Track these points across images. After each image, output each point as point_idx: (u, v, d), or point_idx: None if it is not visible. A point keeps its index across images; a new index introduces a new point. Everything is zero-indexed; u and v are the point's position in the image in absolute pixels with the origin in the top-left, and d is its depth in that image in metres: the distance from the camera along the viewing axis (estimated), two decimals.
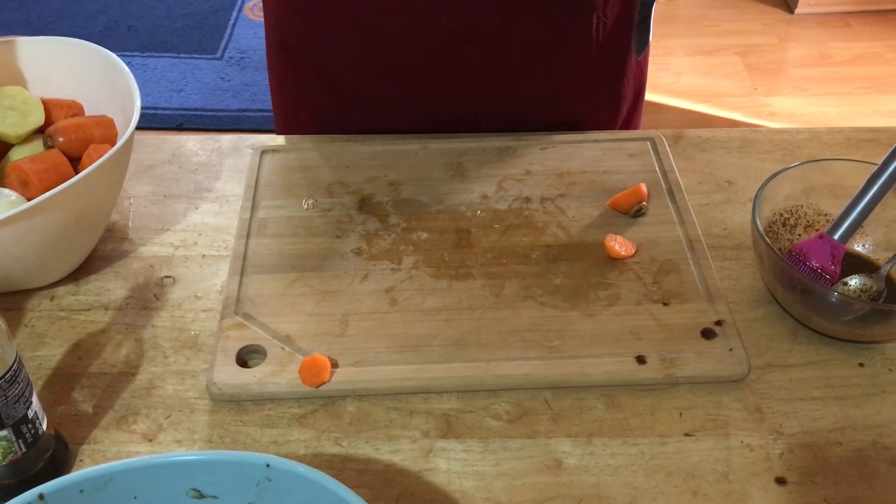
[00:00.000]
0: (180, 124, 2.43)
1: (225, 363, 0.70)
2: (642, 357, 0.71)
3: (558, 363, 0.71)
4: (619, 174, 0.89)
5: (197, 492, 0.54)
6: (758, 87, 2.56)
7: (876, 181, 0.73)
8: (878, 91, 2.54)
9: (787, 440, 0.67)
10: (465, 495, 0.64)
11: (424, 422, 0.68)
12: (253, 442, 0.67)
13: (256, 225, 0.84)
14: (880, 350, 0.74)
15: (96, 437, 0.68)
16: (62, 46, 0.86)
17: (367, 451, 0.66)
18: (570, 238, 0.82)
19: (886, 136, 0.96)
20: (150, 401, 0.70)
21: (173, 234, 0.85)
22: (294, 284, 0.78)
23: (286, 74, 1.00)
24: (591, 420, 0.68)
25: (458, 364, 0.71)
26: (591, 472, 0.65)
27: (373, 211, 0.85)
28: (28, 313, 0.77)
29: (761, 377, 0.71)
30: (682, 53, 2.70)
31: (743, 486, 0.64)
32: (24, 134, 0.80)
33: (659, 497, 0.63)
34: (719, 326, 0.73)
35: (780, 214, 0.80)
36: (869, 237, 0.80)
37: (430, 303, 0.76)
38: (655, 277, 0.78)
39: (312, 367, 0.69)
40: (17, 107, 0.79)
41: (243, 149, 0.95)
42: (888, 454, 0.66)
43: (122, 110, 0.82)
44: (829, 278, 0.74)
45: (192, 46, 2.72)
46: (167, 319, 0.77)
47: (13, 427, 0.59)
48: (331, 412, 0.69)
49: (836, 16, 2.85)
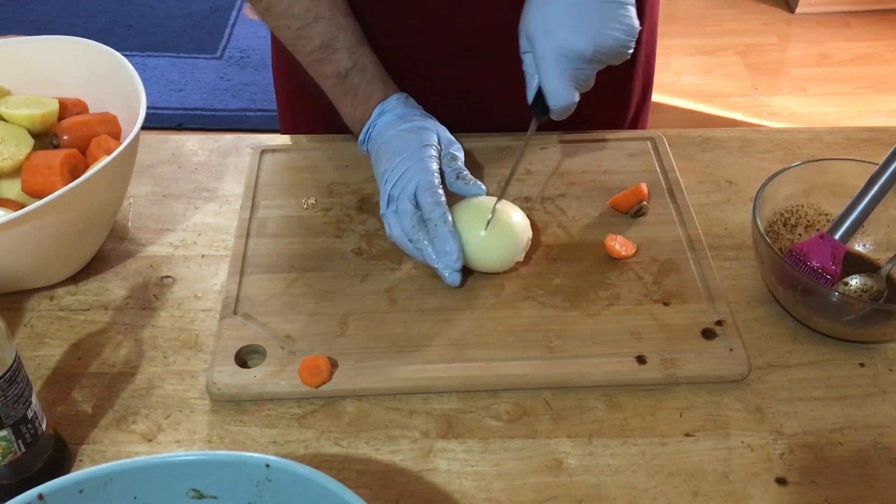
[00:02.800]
0: (180, 124, 2.43)
1: (224, 363, 0.70)
2: (642, 357, 0.71)
3: (558, 363, 0.71)
4: (619, 174, 0.89)
5: (197, 492, 0.54)
6: (758, 86, 2.56)
7: (876, 181, 0.73)
8: (878, 91, 2.54)
9: (788, 440, 0.67)
10: (465, 495, 0.63)
11: (424, 422, 0.68)
12: (253, 442, 0.67)
13: (256, 225, 0.83)
14: (881, 350, 0.74)
15: (96, 438, 0.68)
16: (67, 45, 0.86)
17: (367, 452, 0.66)
18: (571, 238, 0.82)
19: (887, 135, 0.96)
20: (150, 401, 0.70)
21: (173, 233, 0.85)
22: (294, 284, 0.78)
23: (291, 77, 1.00)
24: (592, 420, 0.68)
25: (458, 364, 0.70)
26: (591, 472, 0.65)
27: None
28: (27, 313, 0.77)
29: (762, 377, 0.71)
30: (682, 53, 2.70)
31: (743, 487, 0.64)
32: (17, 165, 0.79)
33: (659, 497, 0.63)
34: (720, 326, 0.73)
35: (781, 214, 0.80)
36: (869, 237, 0.80)
37: (430, 303, 0.76)
38: (656, 277, 0.78)
39: (312, 367, 0.69)
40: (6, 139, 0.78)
41: (243, 148, 0.95)
42: (889, 454, 0.66)
43: (126, 109, 0.82)
44: (829, 278, 0.74)
45: (192, 46, 2.72)
46: (167, 319, 0.77)
47: (12, 427, 0.59)
48: (331, 412, 0.69)
49: (837, 15, 2.85)
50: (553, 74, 0.72)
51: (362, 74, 0.82)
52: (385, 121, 0.81)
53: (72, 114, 0.84)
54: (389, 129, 0.80)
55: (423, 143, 0.78)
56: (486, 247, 0.76)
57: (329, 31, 0.81)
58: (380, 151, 0.80)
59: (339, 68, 0.82)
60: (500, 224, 0.76)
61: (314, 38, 0.81)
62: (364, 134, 0.83)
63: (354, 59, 0.82)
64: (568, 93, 0.73)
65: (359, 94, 0.82)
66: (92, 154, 0.80)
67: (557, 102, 0.73)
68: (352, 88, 0.82)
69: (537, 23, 0.72)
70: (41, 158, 0.77)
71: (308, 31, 0.81)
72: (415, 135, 0.79)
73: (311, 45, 0.81)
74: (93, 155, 0.80)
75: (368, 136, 0.82)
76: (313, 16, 0.80)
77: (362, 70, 0.82)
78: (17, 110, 0.79)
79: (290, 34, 0.82)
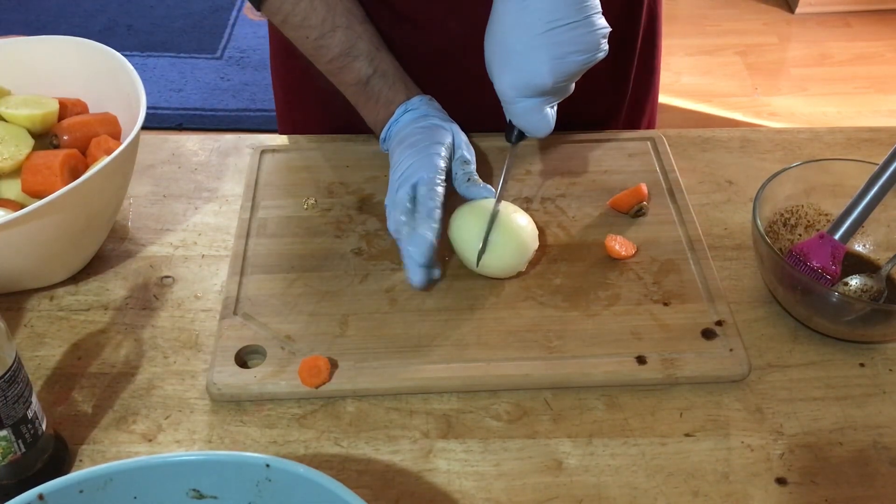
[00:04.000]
0: (180, 124, 2.43)
1: (224, 363, 0.70)
2: (642, 357, 0.71)
3: (558, 363, 0.71)
4: (619, 174, 0.89)
5: (197, 492, 0.54)
6: (758, 86, 2.56)
7: (877, 181, 0.73)
8: (878, 91, 2.54)
9: (788, 440, 0.67)
10: (465, 496, 0.63)
11: (424, 422, 0.68)
12: (253, 442, 0.67)
13: (256, 225, 0.83)
14: (881, 350, 0.74)
15: (96, 438, 0.68)
16: (67, 45, 0.86)
17: (367, 452, 0.66)
18: (571, 238, 0.82)
19: (887, 135, 0.96)
20: (150, 401, 0.70)
21: (173, 233, 0.85)
22: (294, 284, 0.78)
23: (290, 77, 1.00)
24: (592, 420, 0.68)
25: (458, 364, 0.70)
26: (591, 472, 0.65)
27: (373, 211, 0.85)
28: (27, 313, 0.77)
29: (762, 377, 0.71)
30: (682, 53, 2.70)
31: (743, 487, 0.64)
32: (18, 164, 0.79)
33: (659, 497, 0.63)
34: (720, 326, 0.73)
35: (781, 214, 0.80)
36: (869, 237, 0.80)
37: (430, 303, 0.76)
38: (656, 277, 0.78)
39: (312, 367, 0.69)
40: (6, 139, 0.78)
41: (243, 148, 0.95)
42: (889, 454, 0.66)
43: (126, 109, 0.82)
44: (829, 278, 0.74)
45: (192, 46, 2.72)
46: (167, 319, 0.77)
47: (13, 427, 0.59)
48: (331, 412, 0.69)
49: (837, 15, 2.85)
50: (519, 112, 0.70)
51: (384, 79, 0.83)
52: (406, 119, 0.82)
53: (72, 114, 0.84)
54: (408, 125, 0.81)
55: (434, 140, 0.78)
56: (490, 252, 0.75)
57: (347, 39, 0.81)
58: (395, 145, 0.80)
59: (360, 75, 0.82)
60: (508, 231, 0.75)
61: (333, 48, 0.81)
62: (385, 132, 0.83)
63: (374, 66, 0.82)
64: (541, 124, 0.70)
65: (381, 98, 0.83)
66: (92, 154, 0.80)
67: (534, 134, 0.72)
68: (374, 94, 0.83)
69: (491, 59, 0.69)
70: (41, 158, 0.77)
71: (326, 40, 0.81)
72: (429, 132, 0.79)
73: (331, 53, 0.82)
74: (93, 155, 0.80)
75: (389, 134, 0.83)
76: (330, 25, 0.80)
77: (383, 75, 0.83)
78: (17, 110, 0.79)
79: (309, 44, 0.82)
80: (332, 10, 0.81)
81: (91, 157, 0.80)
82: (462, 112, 0.85)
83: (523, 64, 0.66)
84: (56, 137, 0.81)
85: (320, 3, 0.80)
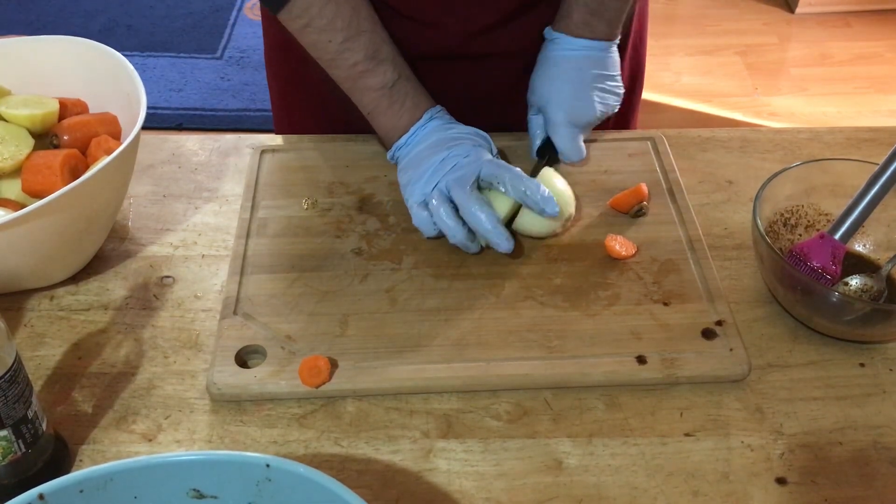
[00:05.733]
0: (180, 124, 2.43)
1: (225, 363, 0.70)
2: (643, 357, 0.71)
3: (558, 363, 0.71)
4: (619, 174, 0.89)
5: (197, 492, 0.54)
6: (758, 86, 2.56)
7: (877, 181, 0.73)
8: (878, 91, 2.54)
9: (788, 440, 0.67)
10: (465, 495, 0.63)
11: (424, 422, 0.68)
12: (253, 442, 0.67)
13: (256, 225, 0.83)
14: (881, 350, 0.74)
15: (96, 438, 0.68)
16: (67, 45, 0.86)
17: (367, 452, 0.66)
18: (571, 238, 0.82)
19: (887, 135, 0.96)
20: (150, 401, 0.70)
21: (173, 233, 0.85)
22: (294, 284, 0.78)
23: (285, 75, 1.00)
24: (592, 420, 0.68)
25: (458, 364, 0.70)
26: (591, 472, 0.65)
27: (373, 211, 0.85)
28: (28, 313, 0.77)
29: (762, 377, 0.71)
30: (682, 53, 2.70)
31: (743, 487, 0.64)
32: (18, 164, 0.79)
33: (659, 497, 0.63)
34: (720, 326, 0.73)
35: (781, 214, 0.80)
36: (870, 237, 0.80)
37: (430, 303, 0.76)
38: (656, 277, 0.78)
39: (312, 367, 0.69)
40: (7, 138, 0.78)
41: (243, 149, 0.95)
42: (889, 454, 0.66)
43: (126, 109, 0.82)
44: (829, 278, 0.74)
45: (192, 46, 2.72)
46: (167, 319, 0.77)
47: (13, 427, 0.59)
48: (331, 412, 0.69)
49: (837, 15, 2.85)
50: (567, 139, 0.86)
51: (408, 83, 0.83)
52: (434, 124, 0.82)
53: (72, 114, 0.84)
54: (442, 130, 0.82)
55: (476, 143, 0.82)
56: (528, 211, 0.78)
57: (372, 42, 0.81)
58: (435, 144, 0.81)
59: (386, 79, 0.82)
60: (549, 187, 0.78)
61: (358, 51, 0.81)
62: (408, 137, 0.83)
63: (399, 70, 0.83)
64: (579, 151, 0.87)
65: (406, 102, 0.83)
66: (92, 154, 0.80)
67: (570, 159, 0.87)
68: (399, 98, 0.83)
69: (548, 96, 0.87)
70: (41, 158, 0.77)
71: (352, 43, 0.81)
72: (468, 136, 0.82)
73: (355, 57, 0.81)
74: (93, 155, 0.80)
75: (414, 139, 0.83)
76: (356, 28, 0.80)
77: (408, 79, 0.83)
78: (17, 110, 0.79)
79: (333, 48, 0.81)
80: (357, 12, 0.80)
81: (91, 157, 0.80)
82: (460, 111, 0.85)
83: (577, 106, 0.86)
84: (56, 137, 0.81)
85: (346, 6, 0.79)
